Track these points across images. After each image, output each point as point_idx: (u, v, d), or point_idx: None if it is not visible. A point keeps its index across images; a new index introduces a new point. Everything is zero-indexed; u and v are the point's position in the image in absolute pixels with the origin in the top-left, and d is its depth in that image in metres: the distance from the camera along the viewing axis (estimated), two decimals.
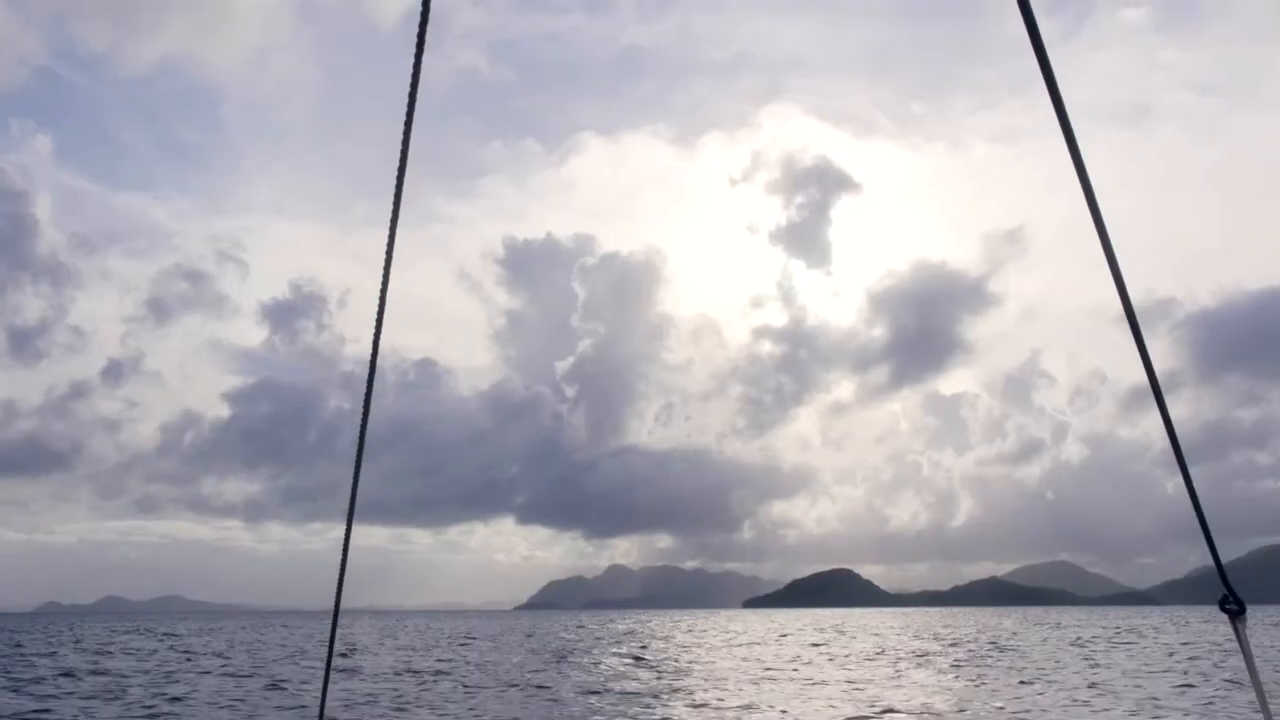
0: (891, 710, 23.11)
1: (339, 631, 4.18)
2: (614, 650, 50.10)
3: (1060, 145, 2.82)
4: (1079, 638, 60.19)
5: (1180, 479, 3.43)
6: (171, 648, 56.12)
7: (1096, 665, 36.49)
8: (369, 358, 3.56)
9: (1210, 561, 3.66)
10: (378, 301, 3.42)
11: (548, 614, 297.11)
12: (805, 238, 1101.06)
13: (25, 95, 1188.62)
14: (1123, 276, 3.10)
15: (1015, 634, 68.02)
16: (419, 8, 2.83)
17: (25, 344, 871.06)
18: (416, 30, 2.87)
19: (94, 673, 36.54)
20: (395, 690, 28.83)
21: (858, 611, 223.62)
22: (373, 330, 3.50)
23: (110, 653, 50.91)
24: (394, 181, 3.10)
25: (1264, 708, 3.91)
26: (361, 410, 3.61)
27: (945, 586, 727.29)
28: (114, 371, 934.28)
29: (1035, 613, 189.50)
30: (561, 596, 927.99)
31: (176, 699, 27.17)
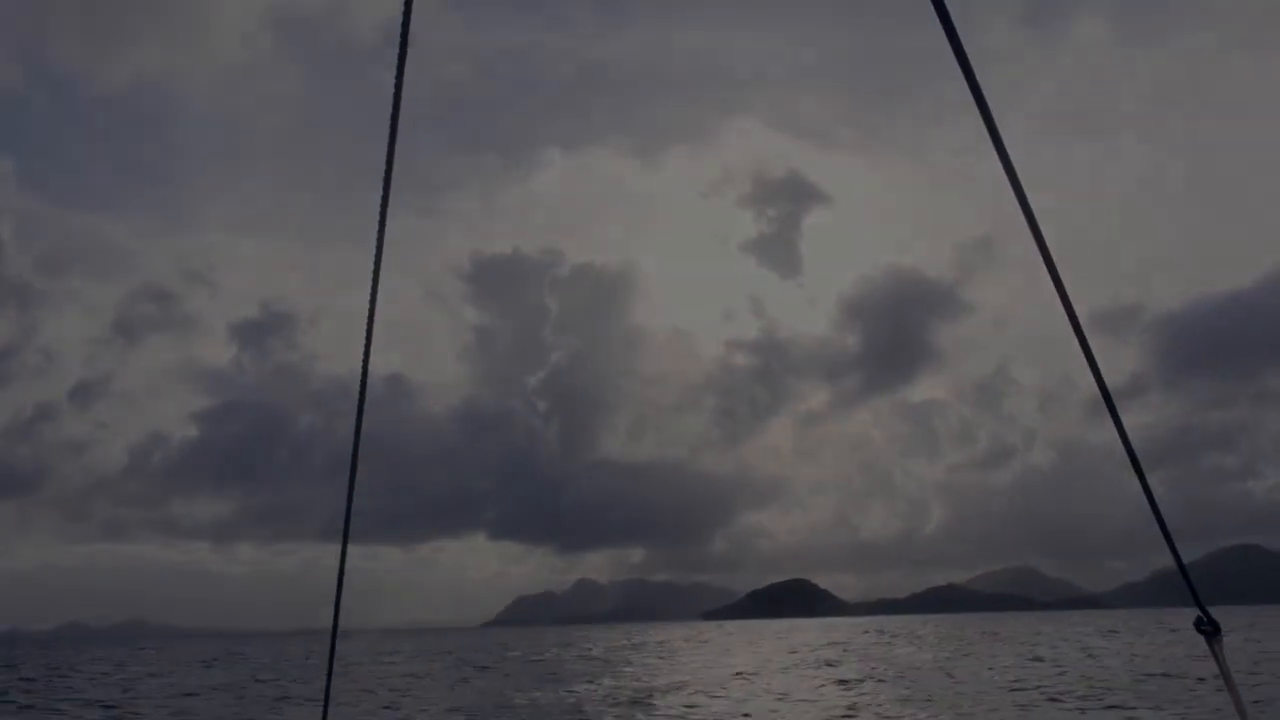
0: None
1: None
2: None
3: (1024, 157, 3.23)
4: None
5: (1150, 483, 3.47)
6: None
7: None
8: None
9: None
10: (366, 318, 3.39)
11: (520, 630, 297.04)
12: (776, 250, 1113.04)
13: None
14: (1067, 291, 3.10)
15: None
16: (397, 25, 2.77)
17: None
18: (398, 47, 2.83)
19: None
20: None
21: (780, 624, 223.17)
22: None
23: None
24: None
25: None
26: (354, 429, 3.55)
27: (904, 594, 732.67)
28: (81, 393, 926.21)
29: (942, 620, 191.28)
30: (530, 613, 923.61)
31: None
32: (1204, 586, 3.74)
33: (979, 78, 2.74)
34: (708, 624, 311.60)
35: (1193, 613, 3.77)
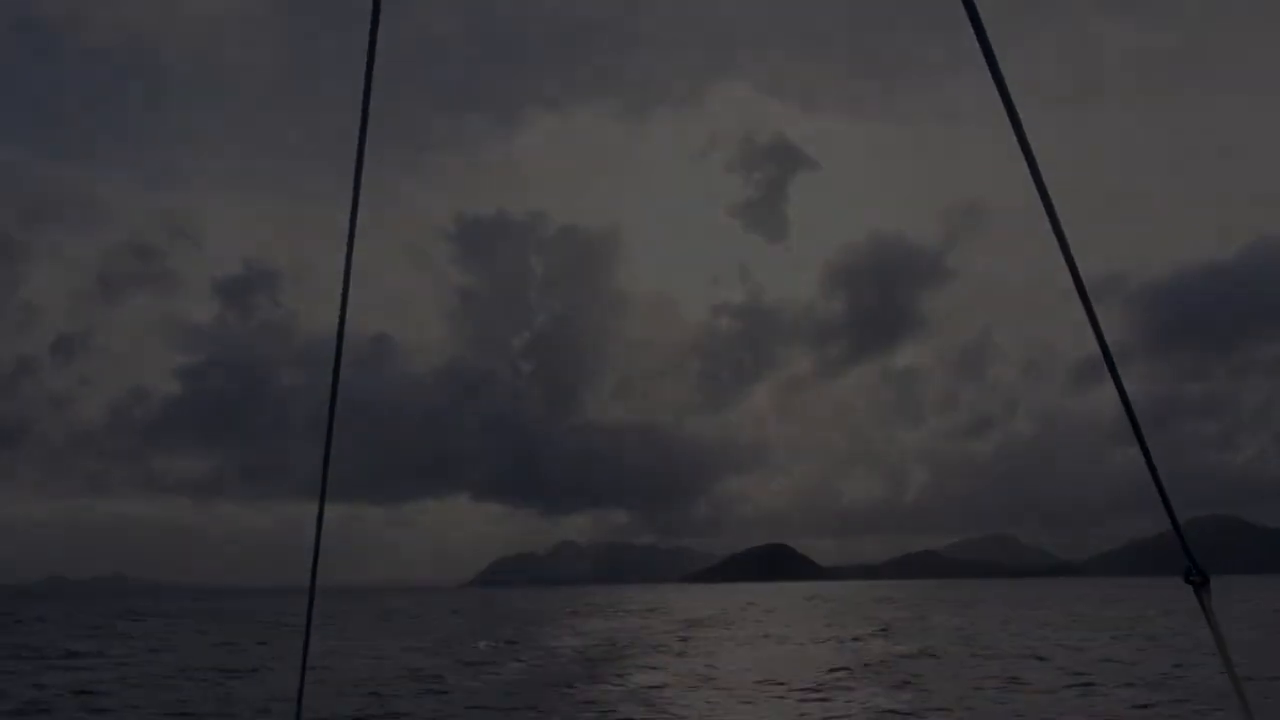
0: None
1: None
2: None
3: (1009, 124, 2.93)
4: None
5: (1132, 451, 3.47)
6: None
7: None
8: (329, 334, 3.40)
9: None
10: (343, 277, 3.31)
11: (501, 590, 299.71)
12: (763, 214, 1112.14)
13: None
14: (1072, 254, 3.11)
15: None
16: None
17: None
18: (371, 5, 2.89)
19: None
20: None
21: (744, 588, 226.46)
22: (337, 306, 3.37)
23: None
24: (354, 154, 3.13)
25: (1232, 676, 3.88)
26: (330, 387, 3.52)
27: (880, 560, 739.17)
28: (63, 347, 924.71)
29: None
30: (509, 574, 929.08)
31: None
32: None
33: (991, 41, 2.73)
34: (669, 587, 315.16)
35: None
